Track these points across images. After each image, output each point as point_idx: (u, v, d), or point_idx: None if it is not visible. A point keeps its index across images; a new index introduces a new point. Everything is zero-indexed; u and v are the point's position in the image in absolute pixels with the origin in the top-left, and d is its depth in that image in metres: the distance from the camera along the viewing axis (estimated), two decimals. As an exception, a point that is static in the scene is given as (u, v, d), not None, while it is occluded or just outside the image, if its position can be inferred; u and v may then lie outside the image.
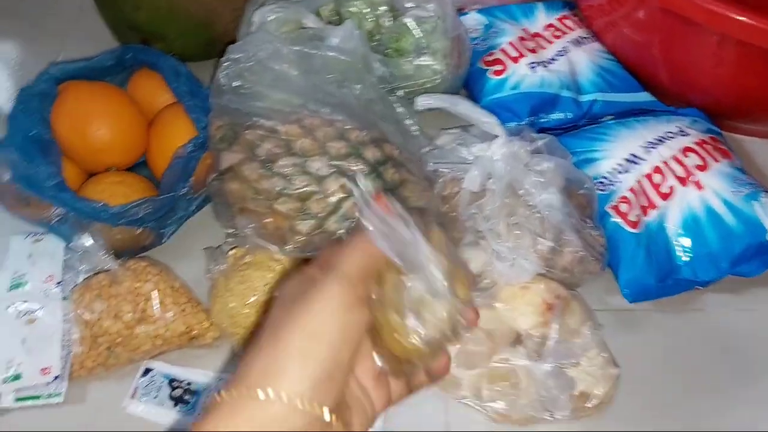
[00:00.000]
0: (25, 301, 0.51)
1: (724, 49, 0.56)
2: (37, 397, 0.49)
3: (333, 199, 0.47)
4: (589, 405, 0.46)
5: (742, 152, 0.65)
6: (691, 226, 0.52)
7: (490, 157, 0.50)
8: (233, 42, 0.63)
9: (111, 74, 0.60)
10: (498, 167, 0.49)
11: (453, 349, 0.46)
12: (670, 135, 0.57)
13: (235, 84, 0.50)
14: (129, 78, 0.61)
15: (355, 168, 0.47)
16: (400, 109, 0.57)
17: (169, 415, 0.48)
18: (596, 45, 0.68)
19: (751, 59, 0.55)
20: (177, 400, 0.48)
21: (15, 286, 0.52)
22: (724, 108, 0.62)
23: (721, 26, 0.53)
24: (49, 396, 0.48)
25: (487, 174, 0.50)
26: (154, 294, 0.49)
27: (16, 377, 0.48)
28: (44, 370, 0.48)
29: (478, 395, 0.46)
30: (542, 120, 0.63)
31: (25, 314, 0.51)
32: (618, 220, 0.54)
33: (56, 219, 0.52)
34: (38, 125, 0.52)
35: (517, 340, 0.47)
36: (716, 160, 0.55)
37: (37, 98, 0.55)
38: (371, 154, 0.48)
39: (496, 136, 0.51)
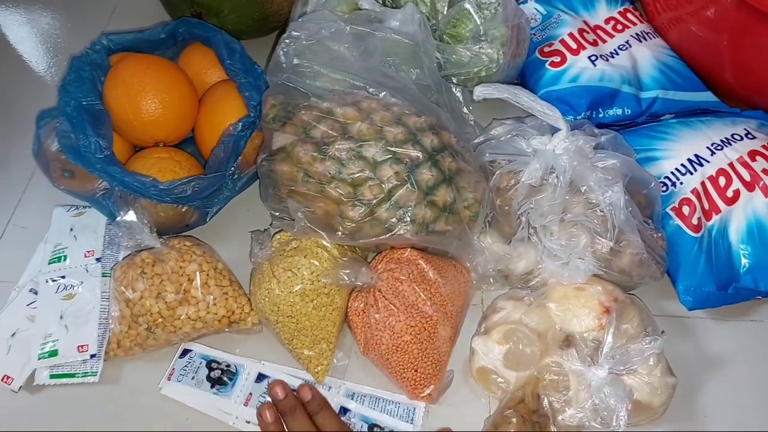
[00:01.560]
0: (64, 276, 0.51)
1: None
2: (73, 375, 0.48)
3: (387, 186, 0.45)
4: (643, 416, 0.44)
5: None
6: (755, 233, 0.50)
7: (551, 151, 0.48)
8: (286, 20, 0.62)
9: (163, 47, 0.59)
10: (561, 161, 0.47)
11: (502, 349, 0.45)
12: (737, 137, 0.55)
13: (294, 62, 0.49)
14: (180, 52, 0.60)
15: (413, 154, 0.45)
16: (458, 96, 0.56)
17: (206, 396, 0.47)
18: (659, 41, 0.65)
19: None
20: (215, 382, 0.48)
21: (55, 259, 0.52)
22: (795, 112, 0.59)
23: None
24: (85, 374, 0.48)
25: (549, 168, 0.48)
26: (197, 275, 0.48)
27: (53, 353, 0.48)
28: (81, 348, 0.48)
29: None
30: (600, 115, 0.61)
31: (64, 289, 0.50)
32: (679, 222, 0.52)
33: (101, 193, 0.51)
34: (90, 95, 0.51)
35: (568, 342, 0.46)
36: (786, 166, 0.52)
37: (89, 68, 0.54)
38: (429, 141, 0.47)
39: (557, 130, 0.49)
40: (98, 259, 0.52)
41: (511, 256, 0.50)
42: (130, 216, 0.49)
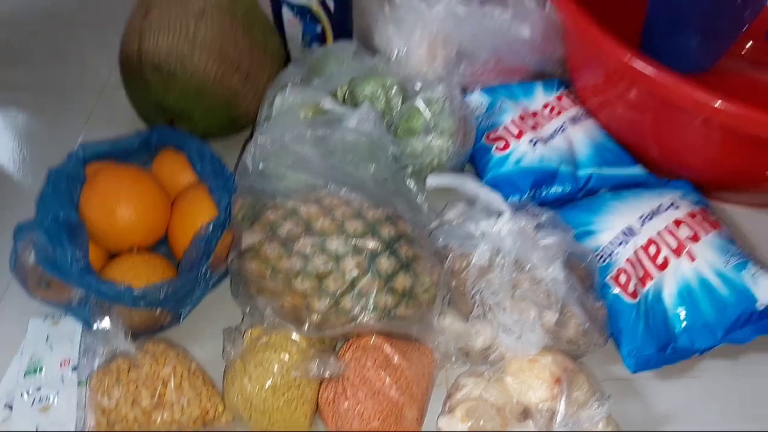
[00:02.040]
0: (40, 388, 0.52)
1: (709, 130, 0.60)
2: (48, 492, 0.49)
3: (349, 276, 0.50)
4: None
5: (730, 221, 0.69)
6: (686, 296, 0.55)
7: (497, 233, 0.53)
8: (254, 119, 0.68)
9: (137, 154, 0.63)
10: (506, 243, 0.52)
11: (465, 426, 0.48)
12: (663, 208, 0.61)
13: (260, 166, 0.53)
14: (154, 157, 0.64)
15: (372, 245, 0.50)
16: (411, 186, 0.61)
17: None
18: (591, 122, 0.72)
19: (733, 139, 0.59)
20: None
21: (31, 371, 0.53)
22: (712, 181, 0.66)
23: (704, 112, 0.57)
24: (61, 490, 0.49)
25: (496, 249, 0.53)
26: (171, 378, 0.50)
27: (27, 471, 0.49)
28: (57, 462, 0.49)
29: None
30: (542, 194, 0.66)
31: (40, 401, 0.52)
32: (618, 291, 0.57)
33: (77, 301, 0.54)
34: (66, 207, 0.55)
35: (525, 414, 0.49)
36: (706, 232, 0.58)
37: (66, 180, 0.57)
38: (386, 231, 0.51)
39: (503, 212, 0.54)
40: (74, 368, 0.53)
41: (470, 333, 0.54)
42: (106, 323, 0.51)
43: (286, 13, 0.75)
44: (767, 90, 0.84)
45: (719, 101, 0.55)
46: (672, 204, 0.62)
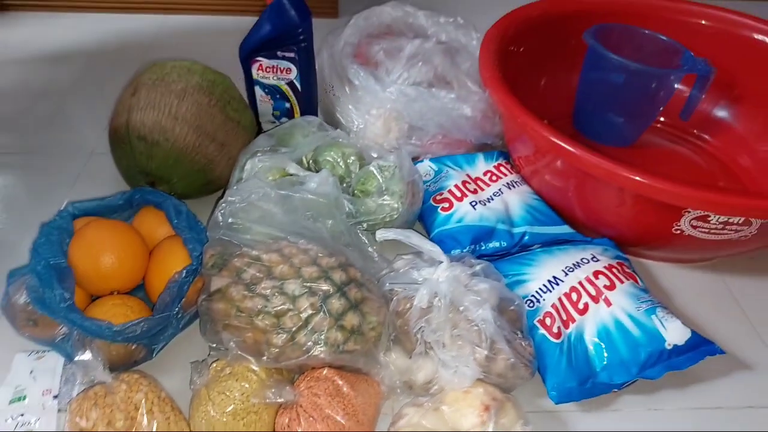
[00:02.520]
0: (23, 414, 0.57)
1: (622, 195, 0.71)
2: (28, 506, 0.53)
3: (304, 315, 0.57)
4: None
5: (646, 273, 0.78)
6: (604, 336, 0.63)
7: (436, 279, 0.61)
8: (227, 183, 0.76)
9: (121, 210, 0.71)
10: (442, 288, 0.60)
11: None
12: (585, 261, 0.70)
13: (229, 221, 0.62)
14: (135, 213, 0.72)
15: (324, 288, 0.57)
16: (363, 239, 0.69)
17: None
18: (525, 187, 0.83)
19: (643, 203, 0.69)
20: (158, 502, 0.53)
21: (16, 399, 0.59)
22: (628, 239, 0.76)
23: (616, 181, 0.67)
24: (40, 505, 0.53)
25: (434, 293, 0.60)
26: (143, 403, 0.56)
27: (10, 486, 0.53)
28: (36, 480, 0.54)
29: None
30: (482, 248, 0.75)
31: (23, 425, 0.57)
32: (544, 332, 0.64)
33: (60, 337, 0.60)
34: (57, 255, 0.62)
35: (461, 438, 0.55)
36: (621, 281, 0.67)
37: (57, 232, 0.65)
38: (338, 276, 0.59)
39: (441, 262, 0.63)
40: (55, 397, 0.59)
41: (413, 368, 0.61)
42: (87, 355, 0.57)
43: (259, 92, 0.86)
44: (682, 160, 0.97)
45: (628, 172, 0.65)
46: (593, 257, 0.71)
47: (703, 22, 0.97)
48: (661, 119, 1.02)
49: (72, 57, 1.19)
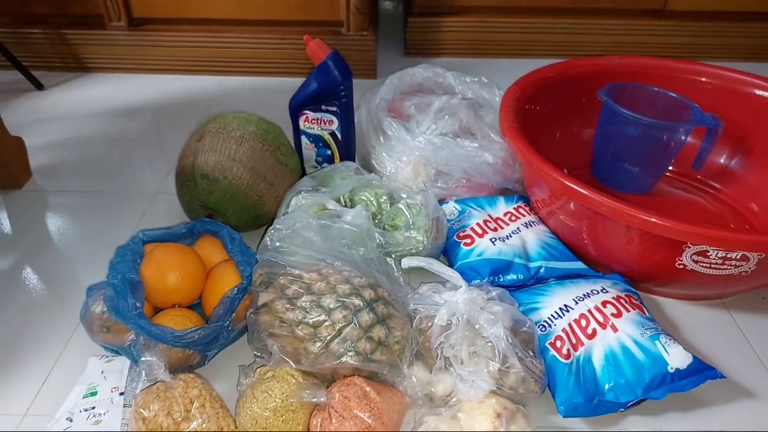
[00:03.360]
0: (94, 407, 0.67)
1: (630, 233, 0.78)
2: (95, 484, 0.61)
3: (337, 326, 0.65)
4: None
5: (657, 308, 0.83)
6: (610, 359, 0.68)
7: (455, 301, 0.69)
8: (273, 217, 0.87)
9: (183, 238, 0.82)
10: (460, 308, 0.68)
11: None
12: (595, 292, 0.76)
13: (276, 244, 0.71)
14: (196, 240, 0.83)
15: (356, 302, 0.66)
16: (392, 265, 0.78)
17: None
18: (542, 227, 0.90)
19: (648, 240, 0.76)
20: (206, 487, 0.61)
21: (88, 395, 0.68)
22: (637, 274, 0.82)
23: (624, 220, 0.74)
24: (107, 485, 0.61)
25: (453, 313, 0.68)
26: (197, 399, 0.64)
27: (80, 468, 0.62)
28: (104, 464, 0.62)
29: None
30: (500, 279, 0.82)
31: (93, 417, 0.66)
32: (554, 353, 0.70)
33: (128, 343, 0.70)
34: (131, 271, 0.72)
35: (475, 443, 0.61)
36: (628, 311, 0.73)
37: (130, 253, 0.76)
38: (368, 293, 0.67)
39: (460, 287, 0.70)
40: (121, 393, 0.68)
41: (433, 382, 0.68)
42: (150, 357, 0.66)
43: (304, 140, 0.98)
44: (694, 206, 1.03)
45: (635, 211, 0.72)
46: (603, 289, 0.77)
47: (707, 80, 1.05)
48: (676, 170, 1.08)
49: (141, 111, 1.36)
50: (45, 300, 0.85)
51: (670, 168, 1.07)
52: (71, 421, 0.65)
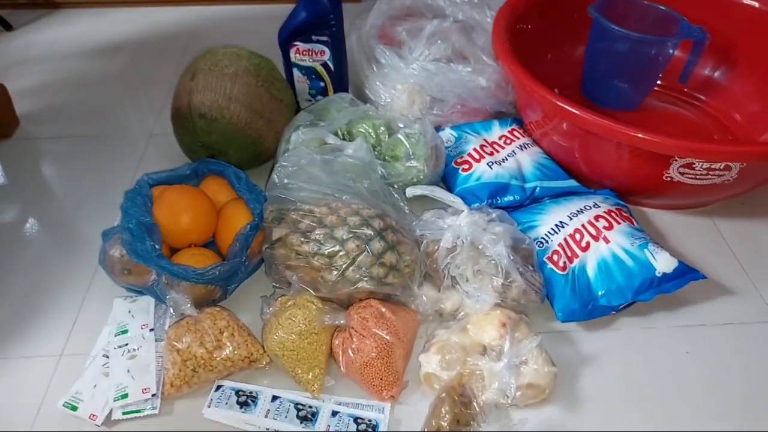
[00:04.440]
0: (126, 344, 0.71)
1: (620, 150, 0.81)
2: (139, 411, 0.66)
3: (351, 255, 0.69)
4: (535, 394, 0.65)
5: (645, 219, 0.88)
6: (603, 268, 0.74)
7: (458, 225, 0.73)
8: (274, 154, 0.88)
9: (188, 180, 0.83)
10: (464, 230, 0.72)
11: (437, 358, 0.66)
12: (587, 207, 0.81)
13: (284, 181, 0.74)
14: (201, 181, 0.84)
15: (367, 232, 0.69)
16: (396, 196, 0.81)
17: (236, 415, 0.65)
18: (536, 148, 0.93)
19: (637, 155, 0.80)
20: (242, 405, 0.66)
21: (120, 332, 0.72)
22: (626, 189, 0.87)
23: (615, 137, 0.78)
24: (148, 409, 0.66)
25: (457, 235, 0.72)
26: (226, 329, 0.69)
27: (124, 396, 0.66)
28: (144, 390, 0.67)
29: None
30: (498, 201, 0.86)
31: (128, 352, 0.70)
32: (552, 266, 0.76)
33: (151, 283, 0.73)
34: (144, 214, 0.74)
35: (484, 351, 0.67)
36: (619, 223, 0.78)
37: (139, 197, 0.77)
38: (377, 223, 0.71)
39: (462, 211, 0.74)
40: (151, 330, 0.72)
41: (442, 299, 0.73)
42: (176, 295, 0.70)
43: (296, 73, 0.98)
44: (681, 120, 1.06)
45: (625, 129, 0.76)
46: (595, 204, 0.82)
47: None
48: (663, 84, 1.10)
49: (119, 49, 1.32)
50: (57, 248, 0.88)
51: (657, 82, 1.09)
52: (107, 357, 0.70)
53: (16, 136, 1.08)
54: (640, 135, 0.75)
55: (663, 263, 0.74)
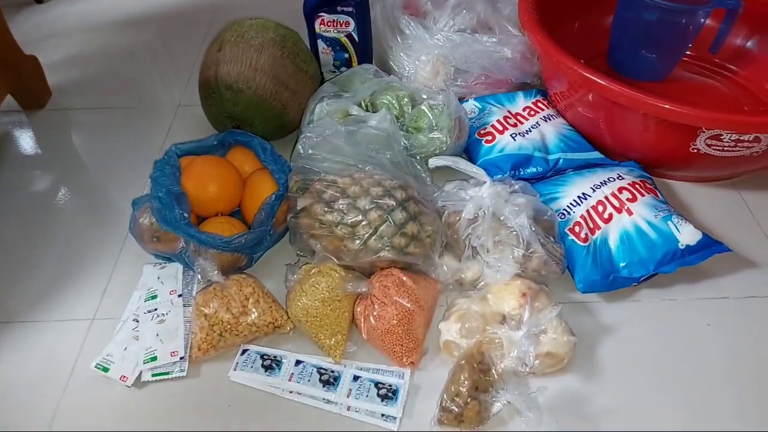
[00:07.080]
0: (156, 309, 0.74)
1: (647, 121, 0.80)
2: (168, 373, 0.69)
3: (374, 225, 0.70)
4: (554, 363, 0.66)
5: (669, 191, 0.87)
6: (625, 240, 0.74)
7: (480, 196, 0.73)
8: (298, 126, 0.89)
9: (215, 150, 0.85)
10: (486, 201, 0.72)
11: (457, 326, 0.67)
12: (611, 179, 0.80)
13: (309, 152, 0.75)
14: (228, 152, 0.86)
15: (389, 203, 0.70)
16: (418, 167, 0.81)
17: (261, 378, 0.68)
18: (560, 120, 0.92)
19: (664, 127, 0.79)
20: (267, 368, 0.69)
21: (150, 298, 0.75)
22: (652, 161, 0.86)
23: (642, 108, 0.77)
24: (176, 372, 0.69)
25: (479, 206, 0.73)
26: (252, 295, 0.71)
27: (153, 359, 0.69)
28: (173, 353, 0.69)
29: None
30: (521, 173, 0.86)
31: (158, 316, 0.73)
32: (573, 238, 0.76)
33: (179, 250, 0.75)
34: (173, 183, 0.76)
35: (503, 320, 0.68)
36: (642, 195, 0.77)
37: (168, 167, 0.79)
38: (399, 194, 0.72)
39: (485, 182, 0.75)
40: (180, 295, 0.75)
41: (462, 269, 0.74)
42: (202, 262, 0.73)
43: (321, 44, 0.98)
44: (710, 90, 1.04)
45: (650, 98, 0.75)
46: (619, 176, 0.81)
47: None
48: (692, 54, 1.07)
49: (147, 22, 1.34)
50: (88, 216, 0.90)
51: (686, 53, 1.06)
52: (137, 321, 0.73)
53: (48, 107, 1.11)
54: (667, 106, 0.74)
55: (687, 235, 0.74)
